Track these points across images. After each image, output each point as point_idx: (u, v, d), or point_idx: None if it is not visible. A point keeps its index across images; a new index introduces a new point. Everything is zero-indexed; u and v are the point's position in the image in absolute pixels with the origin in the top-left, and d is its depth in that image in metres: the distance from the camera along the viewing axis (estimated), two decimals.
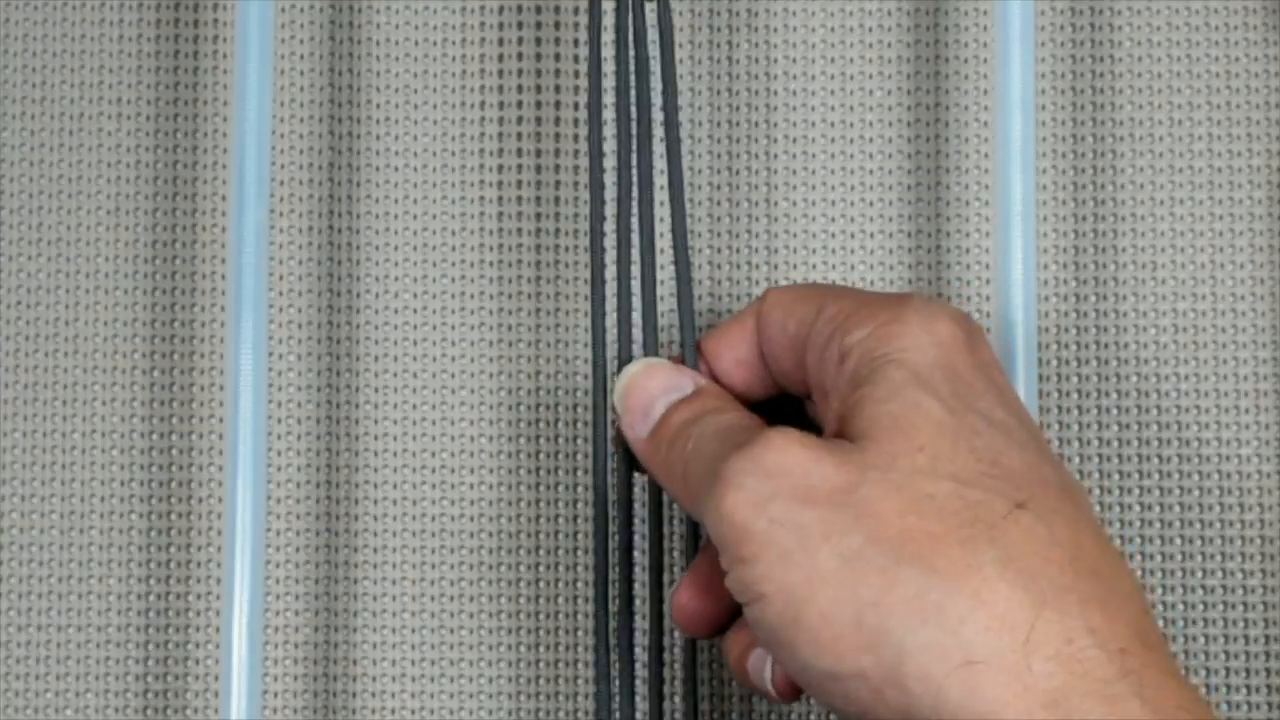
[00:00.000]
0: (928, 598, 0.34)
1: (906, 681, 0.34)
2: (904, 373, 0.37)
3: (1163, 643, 0.36)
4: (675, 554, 0.47)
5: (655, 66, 0.47)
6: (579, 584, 0.47)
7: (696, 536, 0.46)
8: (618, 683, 0.46)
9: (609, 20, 0.48)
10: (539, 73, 0.48)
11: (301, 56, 0.48)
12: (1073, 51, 0.48)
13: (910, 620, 0.34)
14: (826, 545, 0.35)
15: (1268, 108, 0.48)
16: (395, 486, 0.47)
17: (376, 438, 0.47)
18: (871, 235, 0.48)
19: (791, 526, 0.36)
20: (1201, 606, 0.47)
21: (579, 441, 0.47)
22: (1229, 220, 0.48)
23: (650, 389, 0.42)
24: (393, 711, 0.47)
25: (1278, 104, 0.48)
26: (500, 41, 0.48)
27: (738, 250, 0.48)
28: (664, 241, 0.47)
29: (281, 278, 0.48)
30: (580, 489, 0.47)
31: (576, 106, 0.48)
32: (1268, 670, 0.46)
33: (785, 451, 0.36)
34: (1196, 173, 0.48)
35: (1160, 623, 0.46)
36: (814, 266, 0.48)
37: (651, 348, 0.46)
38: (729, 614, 0.41)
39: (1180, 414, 0.47)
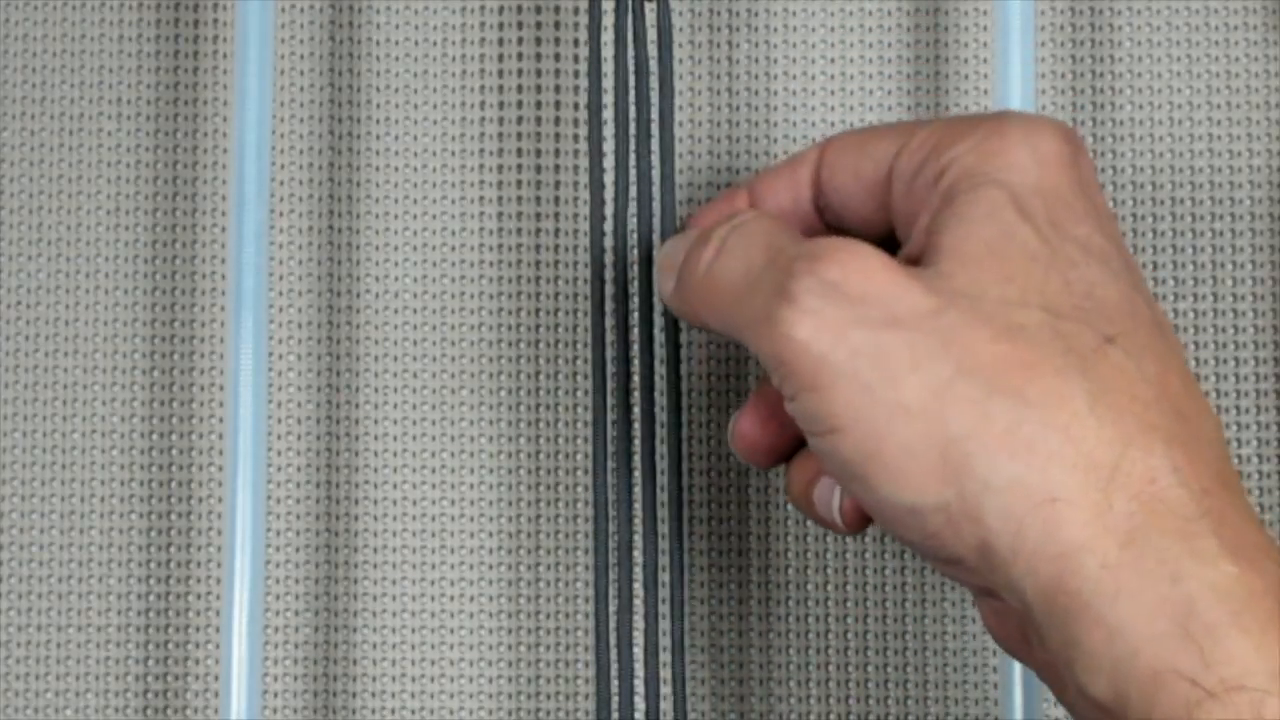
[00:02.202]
0: (1020, 431, 0.33)
1: (986, 517, 0.33)
2: (1003, 194, 0.35)
3: (1241, 489, 0.34)
4: (670, 554, 0.47)
5: (655, 67, 0.47)
6: (579, 584, 0.47)
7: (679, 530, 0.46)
8: (617, 683, 0.46)
9: (609, 20, 0.48)
10: (539, 73, 0.48)
11: (301, 56, 0.48)
12: (1073, 51, 0.48)
13: (998, 455, 0.33)
14: (914, 376, 0.33)
15: (1268, 108, 0.48)
16: (395, 486, 0.47)
17: (376, 438, 0.47)
18: None
19: (875, 356, 0.34)
20: None
21: (579, 441, 0.47)
22: (1229, 220, 0.48)
23: (678, 243, 0.39)
24: (393, 711, 0.47)
25: (1278, 104, 0.48)
26: (500, 41, 0.48)
27: None
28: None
29: (281, 278, 0.48)
30: (580, 489, 0.47)
31: (576, 106, 0.48)
32: None
33: (867, 273, 0.34)
34: (1196, 173, 0.48)
35: None
36: None
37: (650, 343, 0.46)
38: (792, 443, 0.39)
39: None
